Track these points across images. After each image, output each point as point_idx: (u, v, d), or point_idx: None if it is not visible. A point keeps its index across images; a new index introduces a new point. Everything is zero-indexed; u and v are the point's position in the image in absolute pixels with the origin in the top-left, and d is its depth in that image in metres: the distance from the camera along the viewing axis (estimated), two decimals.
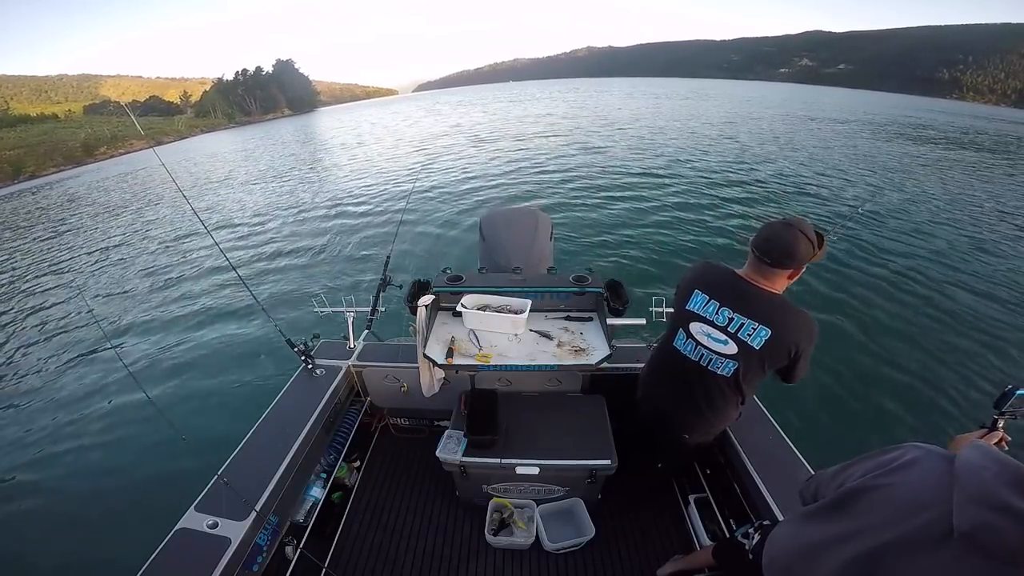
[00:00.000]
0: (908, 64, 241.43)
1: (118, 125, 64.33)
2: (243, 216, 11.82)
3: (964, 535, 0.67)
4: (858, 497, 0.83)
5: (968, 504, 0.68)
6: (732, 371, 1.51)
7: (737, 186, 10.86)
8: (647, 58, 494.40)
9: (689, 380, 1.61)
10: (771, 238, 1.38)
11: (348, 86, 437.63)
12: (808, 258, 1.37)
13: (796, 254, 1.35)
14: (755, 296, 1.43)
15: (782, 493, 1.62)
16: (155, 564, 1.41)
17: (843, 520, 0.84)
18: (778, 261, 1.38)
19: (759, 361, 1.46)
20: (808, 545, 0.92)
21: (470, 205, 10.05)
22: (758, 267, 1.43)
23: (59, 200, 21.30)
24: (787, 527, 1.07)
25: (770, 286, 1.43)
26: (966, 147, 19.53)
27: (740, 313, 1.44)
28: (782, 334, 1.40)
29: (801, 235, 1.35)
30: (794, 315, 1.42)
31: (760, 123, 24.22)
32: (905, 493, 0.77)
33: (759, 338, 1.42)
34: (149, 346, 5.81)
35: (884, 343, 4.76)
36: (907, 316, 5.28)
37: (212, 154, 30.51)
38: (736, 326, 1.45)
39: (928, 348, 4.69)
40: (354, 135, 30.97)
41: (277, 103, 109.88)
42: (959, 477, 0.72)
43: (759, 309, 1.42)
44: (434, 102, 63.35)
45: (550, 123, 25.17)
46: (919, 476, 0.78)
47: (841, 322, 5.07)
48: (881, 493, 0.80)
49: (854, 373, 4.30)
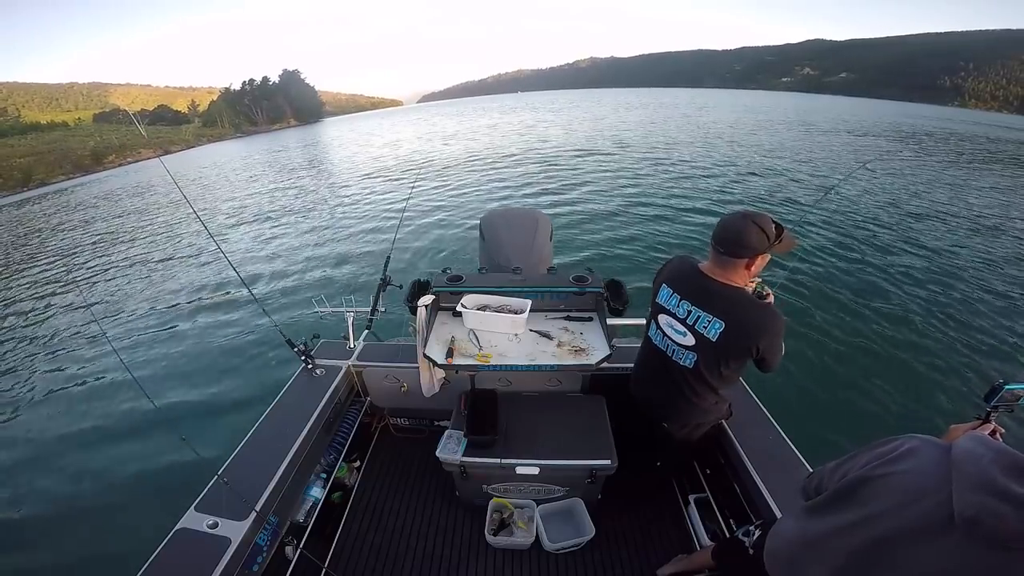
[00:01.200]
0: (909, 71, 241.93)
1: (127, 134, 65.18)
2: (244, 217, 11.95)
3: (966, 520, 0.68)
4: (860, 487, 0.85)
5: (967, 491, 0.69)
6: (692, 363, 1.56)
7: (739, 186, 10.92)
8: (650, 68, 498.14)
9: (660, 370, 1.69)
10: (725, 227, 1.42)
11: (353, 96, 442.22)
12: (763, 248, 1.38)
13: (747, 243, 1.37)
14: (713, 290, 1.47)
15: (782, 493, 1.61)
16: (155, 564, 1.41)
17: (848, 510, 0.86)
18: (731, 250, 1.41)
19: (715, 353, 1.50)
20: (814, 535, 0.93)
21: (470, 205, 10.11)
22: (717, 259, 1.46)
23: (67, 206, 21.56)
24: (790, 520, 1.08)
25: (729, 279, 1.46)
26: (944, 142, 19.51)
27: (696, 305, 1.49)
28: (736, 327, 1.43)
29: (753, 224, 1.37)
30: (748, 309, 1.44)
31: (767, 128, 24.32)
32: (905, 481, 0.78)
33: (714, 330, 1.46)
34: (149, 346, 5.85)
35: (880, 339, 4.77)
36: (904, 314, 5.28)
37: (218, 163, 30.85)
38: (694, 319, 1.50)
39: (924, 342, 4.72)
40: (361, 142, 31.17)
41: (283, 113, 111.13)
42: (957, 464, 0.73)
43: (714, 302, 1.46)
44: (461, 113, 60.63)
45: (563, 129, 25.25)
46: (918, 464, 0.79)
47: (839, 320, 5.10)
48: (882, 482, 0.81)
49: (848, 369, 4.33)
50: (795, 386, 4.04)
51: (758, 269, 1.45)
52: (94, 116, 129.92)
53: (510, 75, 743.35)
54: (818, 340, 4.68)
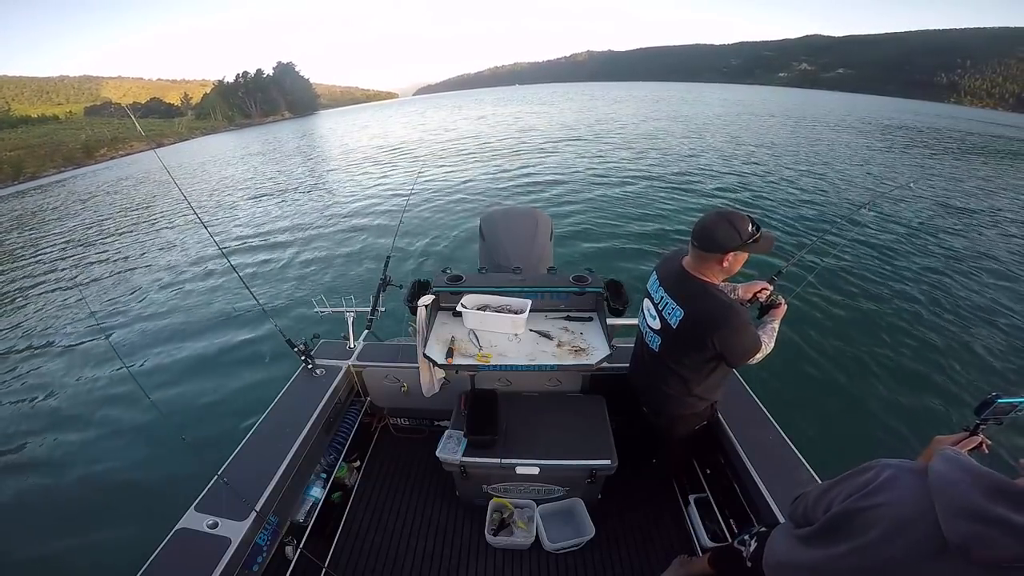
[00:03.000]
0: (906, 68, 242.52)
1: (118, 127, 64.42)
2: (243, 217, 11.84)
3: (958, 547, 0.69)
4: (846, 520, 0.87)
5: (952, 517, 0.70)
6: (657, 346, 1.66)
7: (742, 187, 10.91)
8: (647, 62, 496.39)
9: (640, 353, 1.85)
10: (700, 222, 1.48)
11: (348, 89, 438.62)
12: (732, 244, 1.41)
13: (717, 238, 1.42)
14: (685, 280, 1.54)
15: (782, 493, 1.62)
16: (155, 564, 1.41)
17: (839, 543, 0.88)
18: (702, 244, 1.46)
19: (674, 340, 1.58)
20: (810, 566, 0.96)
21: (471, 205, 10.07)
22: (692, 253, 1.52)
23: (62, 200, 21.31)
24: (785, 542, 1.09)
25: (701, 273, 1.51)
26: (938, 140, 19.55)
27: (668, 293, 1.58)
28: (693, 316, 1.49)
29: (723, 221, 1.42)
30: (707, 301, 1.48)
31: (768, 125, 24.31)
32: (888, 513, 0.80)
33: (675, 318, 1.54)
34: (149, 346, 5.81)
35: (875, 342, 4.80)
36: (900, 315, 5.31)
37: (213, 156, 30.55)
38: (663, 304, 1.60)
39: (922, 350, 4.71)
40: (356, 135, 30.96)
41: (277, 106, 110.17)
42: (936, 492, 0.74)
43: (681, 291, 1.54)
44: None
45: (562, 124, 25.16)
46: (897, 496, 0.80)
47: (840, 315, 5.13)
48: (867, 515, 0.83)
49: (846, 370, 4.37)
50: (796, 386, 4.07)
51: (734, 267, 1.48)
52: (85, 109, 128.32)
53: (507, 68, 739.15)
54: (821, 343, 4.71)
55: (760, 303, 1.72)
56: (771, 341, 1.58)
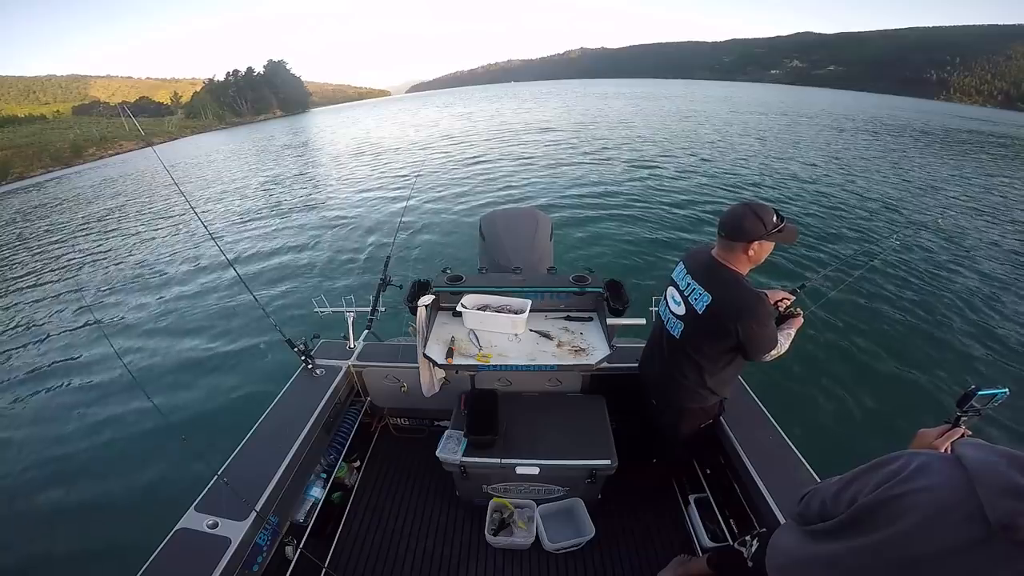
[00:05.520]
0: (897, 65, 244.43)
1: (107, 126, 63.58)
2: (242, 216, 11.71)
3: (1005, 528, 0.68)
4: (878, 509, 0.84)
5: (997, 498, 0.69)
6: (679, 332, 1.67)
7: (743, 186, 10.92)
8: (640, 59, 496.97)
9: (658, 342, 1.84)
10: (727, 212, 1.54)
11: (341, 87, 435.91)
12: (758, 234, 1.46)
13: (743, 227, 1.47)
14: (715, 269, 1.57)
15: (782, 493, 1.62)
16: (155, 564, 1.41)
17: (868, 534, 0.85)
18: (729, 234, 1.51)
19: (699, 326, 1.59)
20: (827, 560, 0.93)
21: (470, 205, 10.04)
22: (721, 243, 1.56)
23: (52, 201, 20.98)
24: (794, 539, 1.06)
25: (729, 262, 1.55)
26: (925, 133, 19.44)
27: (695, 279, 1.61)
28: (720, 303, 1.52)
29: (750, 212, 1.47)
30: (735, 288, 1.51)
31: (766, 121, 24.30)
32: (928, 499, 0.77)
33: (702, 303, 1.55)
34: (148, 346, 5.76)
35: (867, 338, 4.84)
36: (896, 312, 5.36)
37: (206, 155, 30.23)
38: (690, 290, 1.61)
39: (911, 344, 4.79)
40: (352, 134, 30.72)
41: (268, 104, 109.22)
42: (977, 475, 0.73)
43: (710, 278, 1.56)
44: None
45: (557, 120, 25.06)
46: (935, 481, 0.78)
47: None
48: (901, 502, 0.80)
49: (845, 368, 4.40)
50: (796, 386, 4.11)
51: (760, 256, 1.52)
52: (73, 108, 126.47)
53: (500, 65, 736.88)
54: (826, 345, 4.74)
55: (779, 312, 1.73)
56: (787, 343, 1.61)
